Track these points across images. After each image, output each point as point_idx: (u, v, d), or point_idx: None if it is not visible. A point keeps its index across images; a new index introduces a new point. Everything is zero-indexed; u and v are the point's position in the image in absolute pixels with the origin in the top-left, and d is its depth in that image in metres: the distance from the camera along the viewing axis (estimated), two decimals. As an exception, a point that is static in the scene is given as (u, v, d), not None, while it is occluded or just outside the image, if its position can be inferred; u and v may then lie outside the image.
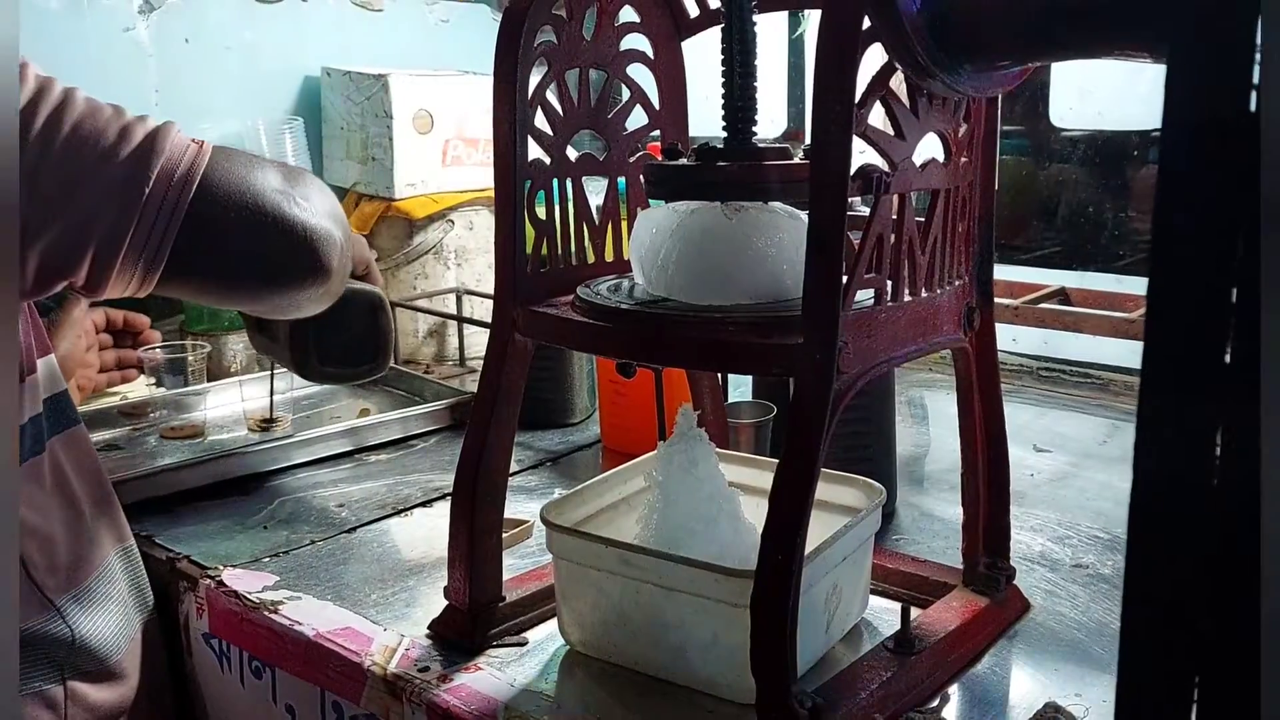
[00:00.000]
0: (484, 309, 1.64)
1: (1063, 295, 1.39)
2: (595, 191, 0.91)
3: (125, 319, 1.38)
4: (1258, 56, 0.36)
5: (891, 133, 0.68)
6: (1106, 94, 1.45)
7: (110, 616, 0.93)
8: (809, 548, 0.70)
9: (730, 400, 1.17)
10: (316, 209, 0.88)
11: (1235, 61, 0.37)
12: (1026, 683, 0.81)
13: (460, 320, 1.70)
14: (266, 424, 1.36)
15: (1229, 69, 0.37)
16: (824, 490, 0.89)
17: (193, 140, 0.83)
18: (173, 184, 0.80)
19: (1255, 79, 0.36)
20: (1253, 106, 0.36)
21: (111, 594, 0.94)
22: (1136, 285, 1.41)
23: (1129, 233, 1.49)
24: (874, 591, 0.91)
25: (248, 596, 0.94)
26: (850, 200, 0.65)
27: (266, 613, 0.91)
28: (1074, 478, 1.21)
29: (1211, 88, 0.37)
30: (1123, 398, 1.46)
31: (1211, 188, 0.38)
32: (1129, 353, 1.41)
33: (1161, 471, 0.41)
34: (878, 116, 0.67)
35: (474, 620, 0.85)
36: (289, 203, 0.85)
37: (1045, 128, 1.53)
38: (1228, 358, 0.39)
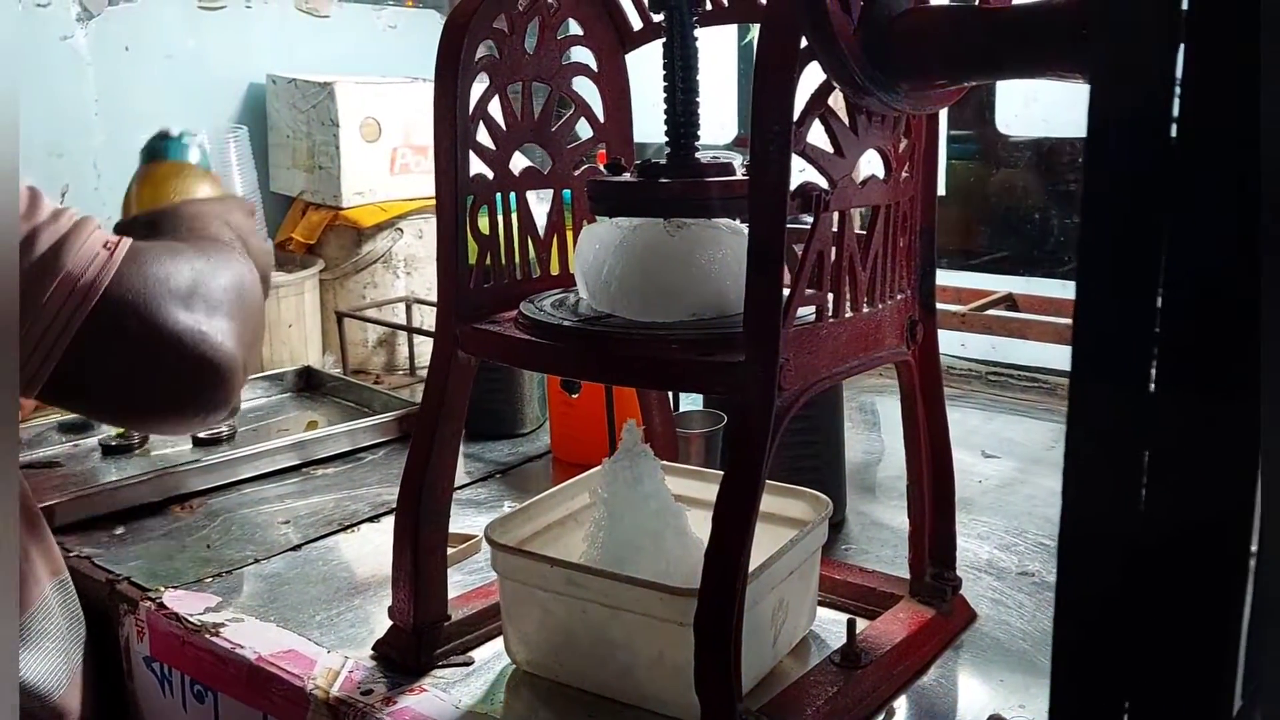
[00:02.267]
0: (434, 318, 1.62)
1: (1010, 301, 1.40)
2: (543, 199, 0.90)
3: None
4: (1178, 75, 0.36)
5: (831, 150, 0.68)
6: (1051, 101, 1.46)
7: (50, 656, 0.89)
8: (754, 564, 0.70)
9: (681, 410, 1.17)
10: (223, 329, 0.81)
11: (1152, 87, 0.37)
12: (972, 694, 0.81)
13: (410, 330, 1.69)
14: (214, 437, 1.34)
15: (1146, 96, 0.37)
16: (770, 503, 0.89)
17: (105, 243, 0.77)
18: (70, 295, 0.74)
19: (1174, 108, 0.37)
20: (1172, 132, 0.37)
21: (49, 630, 0.90)
22: (1082, 291, 1.43)
23: (1074, 239, 1.51)
24: (822, 603, 0.91)
25: (189, 619, 0.92)
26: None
27: (208, 635, 0.90)
28: (1021, 484, 1.22)
29: (1130, 111, 0.38)
30: (1069, 402, 1.47)
31: (1134, 209, 0.38)
32: (1075, 358, 1.42)
33: (1088, 496, 0.41)
34: (818, 133, 0.67)
35: (419, 640, 0.84)
36: (194, 336, 0.79)
37: (991, 134, 1.54)
38: (1151, 384, 0.39)
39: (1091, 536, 0.41)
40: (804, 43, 0.63)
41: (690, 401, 1.27)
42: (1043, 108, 1.48)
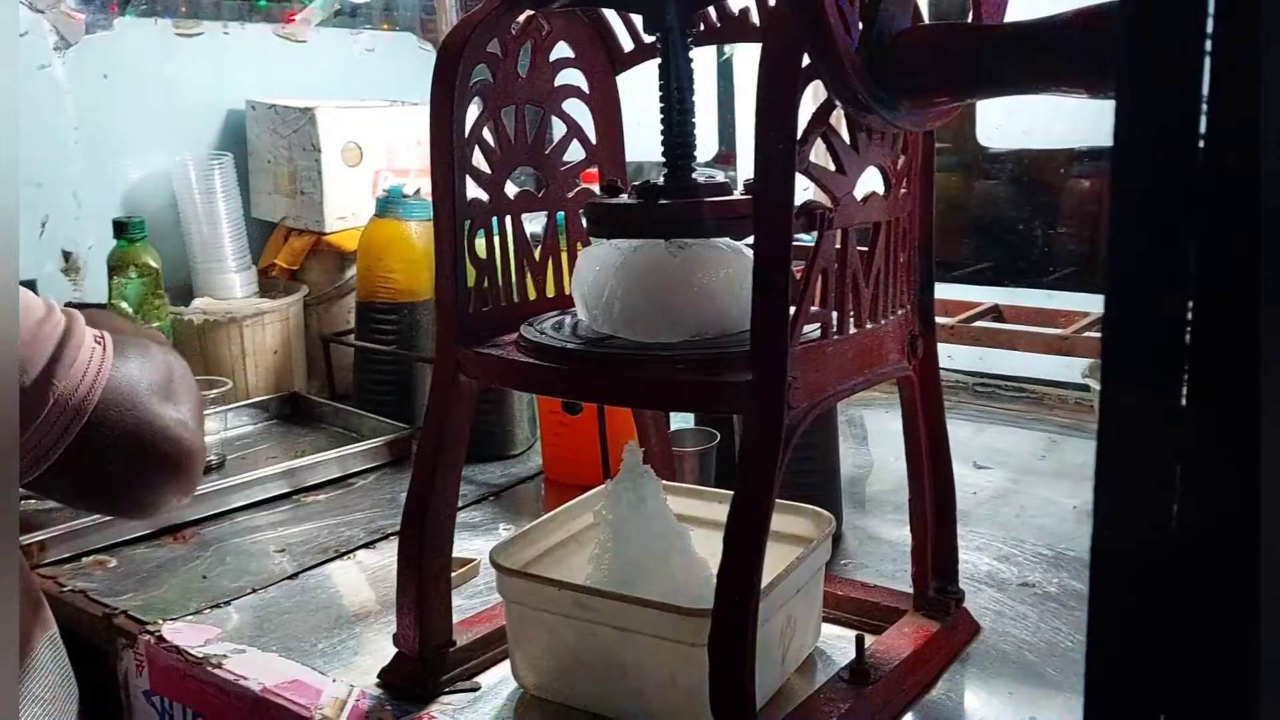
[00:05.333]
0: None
1: (996, 312, 1.41)
2: (533, 220, 0.90)
3: None
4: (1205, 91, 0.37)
5: (833, 168, 0.68)
6: (1033, 113, 1.48)
7: None
8: (762, 583, 0.70)
9: (673, 428, 1.17)
10: (192, 415, 0.84)
11: (1179, 101, 0.37)
12: (981, 708, 0.81)
13: (396, 354, 1.67)
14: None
15: (1174, 110, 0.37)
16: (773, 520, 0.89)
17: (93, 350, 0.79)
18: (65, 411, 0.76)
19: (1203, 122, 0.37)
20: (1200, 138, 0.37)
21: (43, 695, 0.85)
22: (1067, 300, 1.44)
23: (1058, 249, 1.52)
24: (826, 619, 0.91)
25: (189, 651, 0.91)
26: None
27: (210, 668, 0.89)
28: (1015, 494, 1.22)
29: (1158, 126, 0.38)
30: (1058, 411, 1.48)
31: (1162, 223, 0.38)
32: (1063, 367, 1.43)
33: (1120, 513, 0.41)
34: (819, 151, 0.67)
35: (425, 667, 0.84)
36: (178, 428, 0.82)
37: (973, 147, 1.55)
38: (1184, 398, 0.39)
39: (1124, 553, 0.41)
40: (805, 61, 0.63)
41: (681, 419, 1.27)
42: (1024, 119, 1.49)
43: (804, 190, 0.66)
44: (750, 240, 0.73)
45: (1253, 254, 0.37)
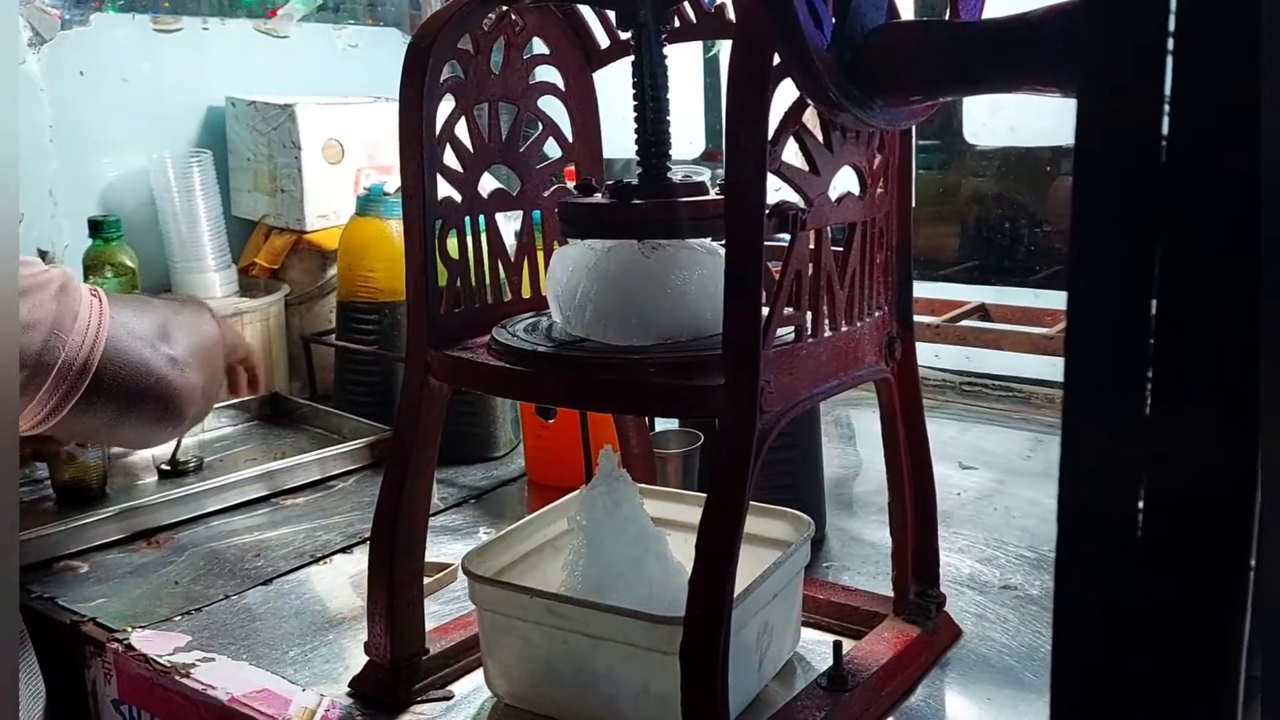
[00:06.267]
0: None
1: (982, 311, 1.40)
2: (511, 219, 0.89)
3: None
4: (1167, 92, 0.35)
5: (806, 168, 0.67)
6: (1017, 110, 1.46)
7: None
8: (738, 588, 0.69)
9: (656, 430, 1.16)
10: (188, 361, 0.91)
11: (1142, 96, 0.36)
12: (960, 713, 0.80)
13: (376, 355, 1.66)
14: (180, 469, 1.31)
15: (1137, 106, 0.36)
16: (751, 524, 0.87)
17: (91, 305, 0.83)
18: (72, 370, 0.83)
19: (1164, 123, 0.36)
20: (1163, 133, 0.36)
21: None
22: (1053, 300, 1.43)
23: (1044, 247, 1.51)
24: (805, 623, 0.90)
25: (158, 660, 0.90)
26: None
27: (178, 677, 0.87)
28: (999, 495, 1.21)
29: (1120, 121, 0.37)
30: (1044, 410, 1.47)
31: (1126, 221, 0.37)
32: (1049, 366, 1.42)
33: (1084, 519, 0.40)
34: (791, 151, 0.66)
35: (396, 675, 0.82)
36: (161, 378, 0.88)
37: (958, 144, 1.54)
38: (1147, 402, 0.38)
39: (1089, 556, 0.40)
40: (776, 60, 0.62)
41: (665, 421, 1.26)
42: (1009, 116, 1.48)
43: (776, 190, 0.65)
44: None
45: (1224, 252, 0.36)
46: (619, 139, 0.96)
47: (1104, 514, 0.39)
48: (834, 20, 0.62)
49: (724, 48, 1.77)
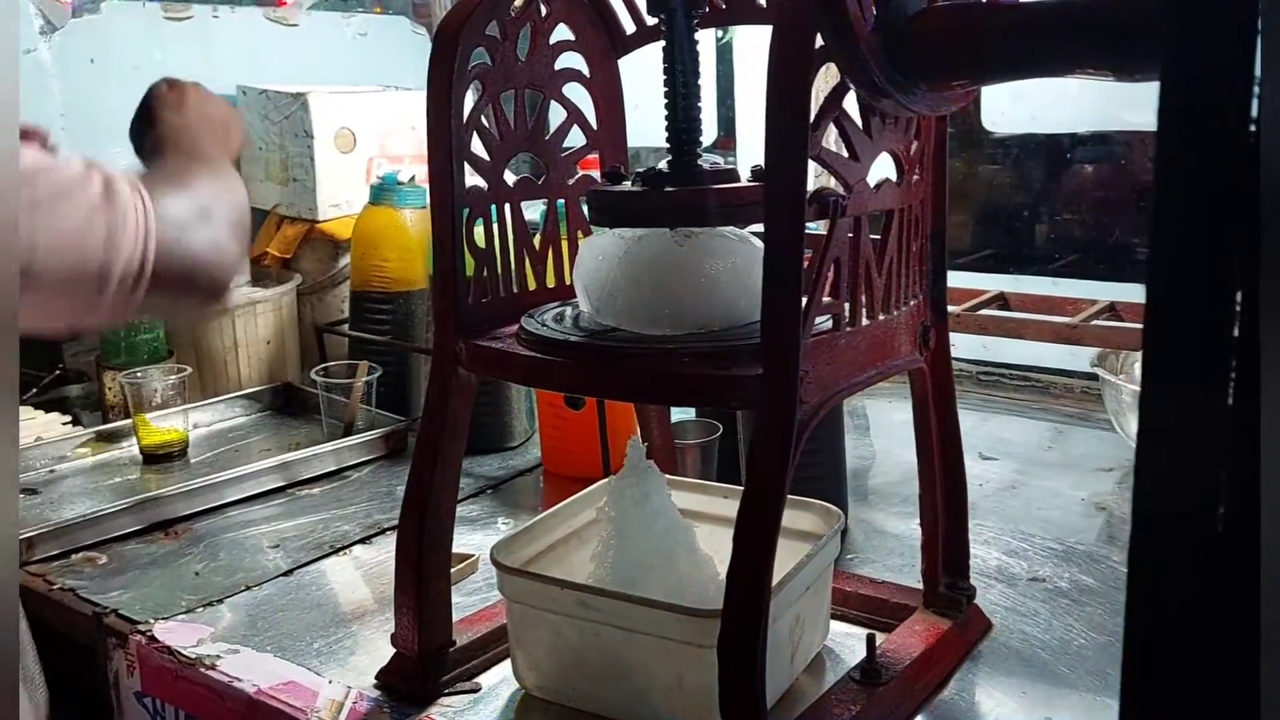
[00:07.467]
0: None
1: (1002, 300, 1.39)
2: (531, 207, 0.88)
3: None
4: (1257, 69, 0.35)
5: (846, 154, 0.66)
6: (1038, 97, 1.45)
7: None
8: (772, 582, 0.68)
9: (674, 420, 1.15)
10: (228, 237, 0.88)
11: (1231, 85, 0.35)
12: (995, 708, 0.79)
13: (393, 344, 1.65)
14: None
15: (1225, 95, 0.35)
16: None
17: (135, 208, 0.81)
18: (127, 283, 0.80)
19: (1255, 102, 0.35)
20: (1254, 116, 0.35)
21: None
22: (1073, 288, 1.41)
23: (1064, 236, 1.50)
24: (834, 616, 0.89)
25: (182, 652, 0.89)
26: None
27: (203, 669, 0.87)
28: (1022, 486, 1.20)
29: (1207, 111, 0.36)
30: (1064, 400, 1.46)
31: (1211, 211, 0.36)
32: (1069, 355, 1.41)
33: (1162, 518, 0.39)
34: (830, 137, 0.65)
35: (424, 668, 0.82)
36: (206, 262, 0.86)
37: (978, 131, 1.52)
38: (1230, 398, 0.37)
39: (1165, 556, 0.39)
40: (818, 43, 0.61)
41: (681, 411, 1.25)
42: (1030, 104, 1.46)
43: (817, 177, 0.64)
44: (757, 228, 0.71)
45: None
46: (637, 128, 0.95)
47: (1183, 509, 0.38)
48: (876, 3, 0.61)
49: (737, 35, 1.76)
